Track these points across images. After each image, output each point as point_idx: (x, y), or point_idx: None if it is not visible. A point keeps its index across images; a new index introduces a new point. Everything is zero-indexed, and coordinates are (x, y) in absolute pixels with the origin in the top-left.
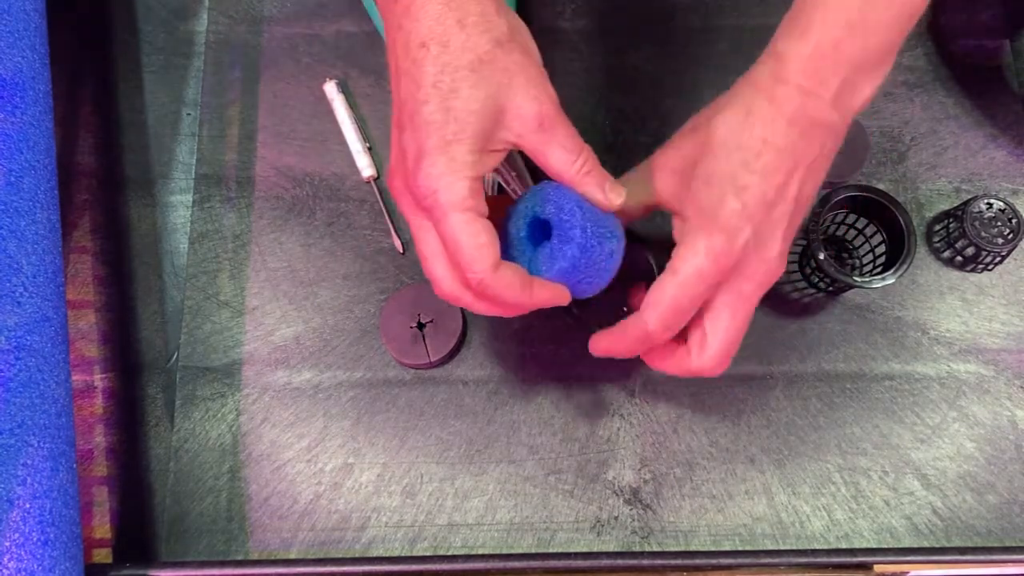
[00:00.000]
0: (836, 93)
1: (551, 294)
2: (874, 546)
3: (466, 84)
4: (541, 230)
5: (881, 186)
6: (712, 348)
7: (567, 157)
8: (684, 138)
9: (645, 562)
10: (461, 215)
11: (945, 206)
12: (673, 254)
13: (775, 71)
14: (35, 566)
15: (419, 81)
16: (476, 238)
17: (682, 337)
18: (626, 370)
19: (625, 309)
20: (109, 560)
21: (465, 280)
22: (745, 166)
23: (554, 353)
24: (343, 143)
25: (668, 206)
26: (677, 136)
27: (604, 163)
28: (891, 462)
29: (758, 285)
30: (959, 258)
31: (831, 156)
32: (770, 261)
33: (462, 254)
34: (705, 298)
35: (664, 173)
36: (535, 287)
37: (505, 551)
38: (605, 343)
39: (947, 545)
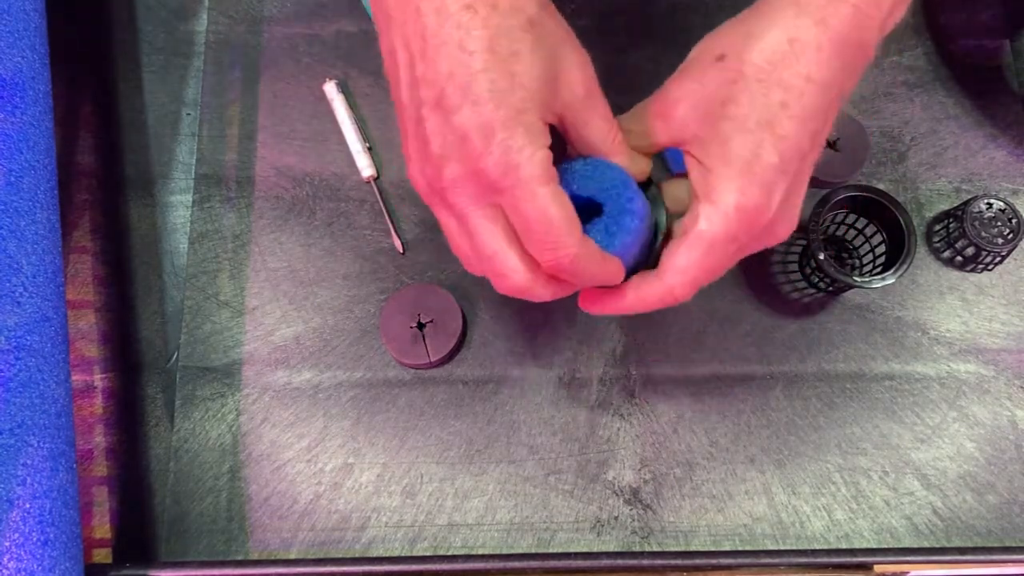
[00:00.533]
0: (883, 18)
1: (617, 267)
2: (874, 546)
3: (525, 47)
4: (583, 211)
5: (881, 186)
6: (674, 279)
7: (608, 127)
8: (708, 68)
9: (645, 562)
10: (548, 187)
11: (945, 206)
12: (698, 210)
13: None
14: (35, 566)
15: (469, 47)
16: (567, 210)
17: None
18: (626, 370)
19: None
20: (109, 560)
21: (539, 264)
22: (785, 109)
23: (554, 353)
24: (343, 143)
25: (686, 147)
26: (695, 63)
27: None
28: (891, 462)
29: (772, 242)
30: (959, 258)
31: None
32: (793, 220)
33: (554, 230)
34: (736, 260)
35: (682, 108)
36: (607, 258)
37: (505, 551)
38: (611, 304)
39: (947, 545)
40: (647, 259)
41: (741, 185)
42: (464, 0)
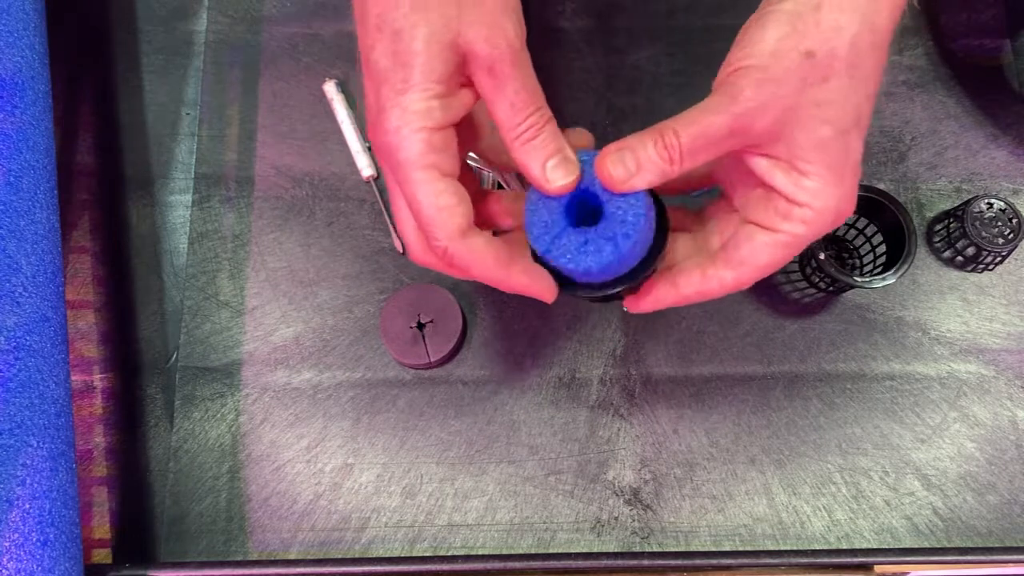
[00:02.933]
0: (897, 16)
1: (535, 286)
2: (874, 546)
3: (407, 23)
4: (587, 210)
5: (881, 186)
6: (752, 275)
7: (511, 115)
8: (795, 68)
9: (645, 562)
10: (421, 172)
11: (945, 206)
12: (789, 211)
13: None
14: (34, 566)
15: (365, 24)
16: (436, 199)
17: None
18: (626, 370)
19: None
20: (109, 560)
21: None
22: (868, 101)
23: (554, 353)
24: (343, 143)
25: (764, 151)
26: (778, 62)
27: None
28: (891, 462)
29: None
30: (959, 258)
31: None
32: (854, 201)
33: (422, 217)
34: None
35: (770, 117)
36: (516, 269)
37: (505, 551)
38: (668, 300)
39: (947, 545)
40: (648, 265)
41: (841, 193)
42: None
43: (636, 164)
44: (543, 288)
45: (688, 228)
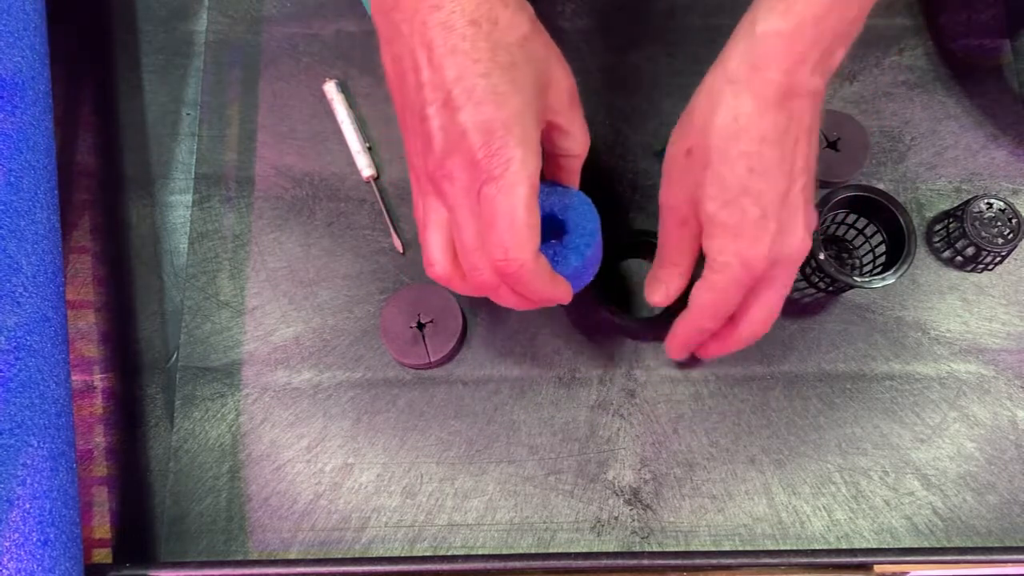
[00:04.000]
0: (815, 63)
1: (565, 291)
2: (874, 546)
3: (522, 59)
4: (548, 228)
5: (881, 186)
6: (755, 327)
7: (584, 134)
8: (680, 165)
9: (645, 562)
10: (528, 193)
11: (945, 206)
12: (707, 264)
13: (753, 59)
14: (35, 566)
15: (475, 56)
16: (534, 220)
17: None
18: (626, 370)
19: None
20: (109, 560)
21: (498, 264)
22: (752, 173)
23: (554, 353)
24: (343, 143)
25: (693, 223)
26: (671, 166)
27: (604, 164)
28: (891, 462)
29: (792, 267)
30: (959, 258)
31: (821, 113)
32: (798, 242)
33: (515, 232)
34: (744, 295)
35: (682, 211)
36: (557, 281)
37: (505, 551)
38: (678, 343)
39: (947, 545)
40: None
41: (736, 242)
42: (470, 16)
43: (665, 284)
44: (567, 291)
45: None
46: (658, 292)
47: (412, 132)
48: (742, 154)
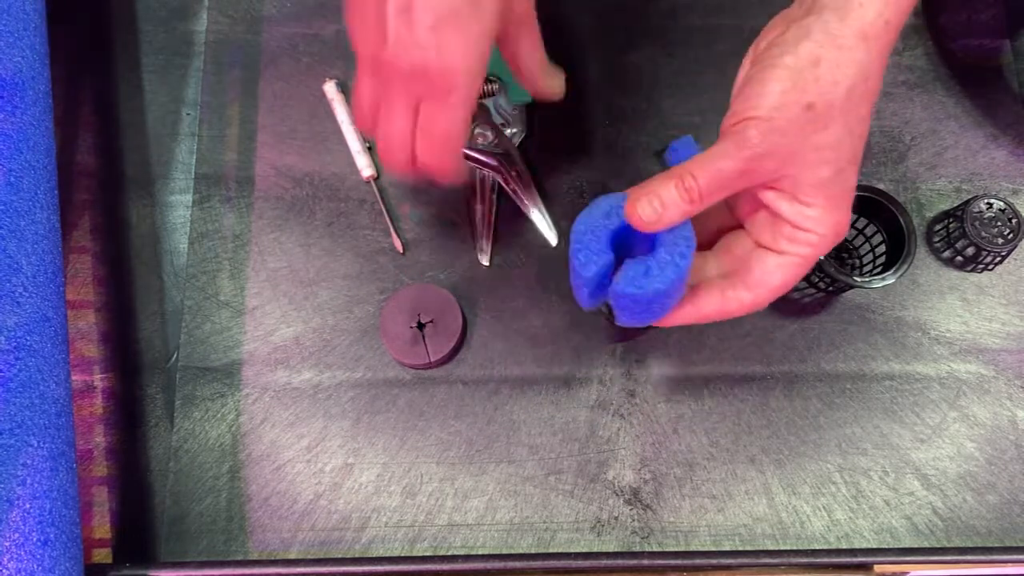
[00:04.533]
0: (904, 14)
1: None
2: (874, 546)
3: None
4: (625, 243)
5: (881, 186)
6: (768, 295)
7: (536, 48)
8: (796, 119)
9: (645, 562)
10: (467, 114)
11: (945, 206)
12: (796, 236)
13: (888, 15)
14: (35, 566)
15: None
16: (462, 140)
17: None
18: (626, 370)
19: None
20: (109, 560)
21: (421, 163)
22: (862, 140)
23: (554, 353)
24: (343, 143)
25: (773, 186)
26: (782, 113)
27: (604, 163)
28: (891, 462)
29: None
30: (959, 258)
31: None
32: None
33: (446, 150)
34: None
35: (775, 161)
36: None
37: (505, 551)
38: (689, 318)
39: (947, 545)
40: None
41: (837, 218)
42: None
43: (662, 205)
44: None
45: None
46: (650, 211)
47: (364, 14)
48: (861, 119)
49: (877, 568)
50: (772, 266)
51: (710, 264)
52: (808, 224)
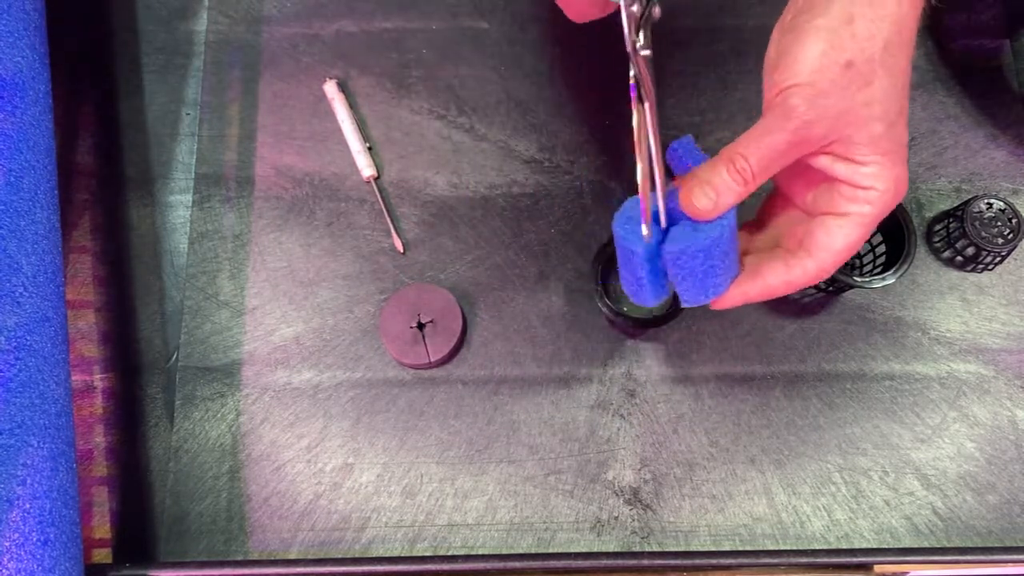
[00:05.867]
0: None
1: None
2: (874, 546)
3: None
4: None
5: None
6: (833, 260)
7: None
8: (838, 78)
9: (645, 562)
10: None
11: (945, 206)
12: (857, 195)
13: None
14: (35, 566)
15: None
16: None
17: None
18: (626, 370)
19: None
20: (109, 560)
21: None
22: (906, 91)
23: (554, 353)
24: (343, 143)
25: (825, 150)
26: (823, 75)
27: (604, 164)
28: (891, 462)
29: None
30: (959, 258)
31: None
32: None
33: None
34: None
35: (823, 126)
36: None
37: (505, 551)
38: (754, 292)
39: (947, 545)
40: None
41: (897, 173)
42: None
43: (716, 192)
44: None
45: (748, 230)
46: (706, 199)
47: None
48: (903, 71)
49: (877, 568)
50: (834, 228)
51: (762, 240)
52: (867, 182)
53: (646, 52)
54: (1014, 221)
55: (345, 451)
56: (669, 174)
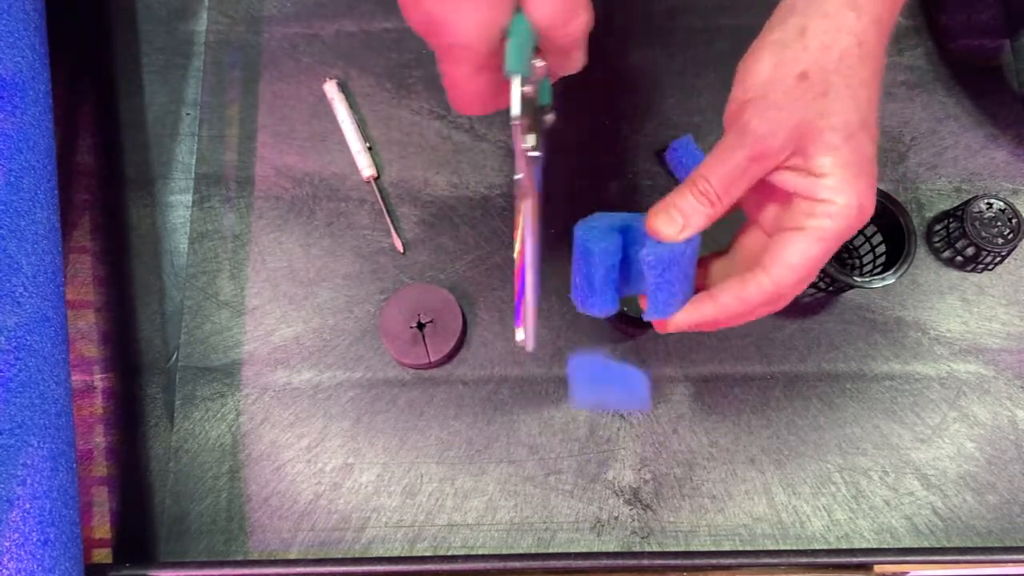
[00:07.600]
0: None
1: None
2: (874, 546)
3: None
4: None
5: (881, 186)
6: (788, 275)
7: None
8: (793, 90)
9: (645, 562)
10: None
11: (945, 206)
12: (814, 209)
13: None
14: (35, 566)
15: None
16: (476, 83)
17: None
18: None
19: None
20: (109, 560)
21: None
22: (871, 104)
23: (554, 353)
24: (343, 143)
25: (784, 165)
26: (775, 87)
27: (604, 164)
28: (891, 462)
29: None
30: (959, 258)
31: None
32: (873, 199)
33: (458, 97)
34: None
35: (780, 138)
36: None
37: (505, 551)
38: (707, 310)
39: (947, 545)
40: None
41: (860, 187)
42: None
43: (683, 216)
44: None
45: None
46: (671, 224)
47: None
48: (864, 83)
49: (877, 568)
50: (791, 242)
51: (724, 265)
52: (825, 194)
53: (535, 154)
54: (1014, 221)
55: (345, 451)
56: (670, 174)
